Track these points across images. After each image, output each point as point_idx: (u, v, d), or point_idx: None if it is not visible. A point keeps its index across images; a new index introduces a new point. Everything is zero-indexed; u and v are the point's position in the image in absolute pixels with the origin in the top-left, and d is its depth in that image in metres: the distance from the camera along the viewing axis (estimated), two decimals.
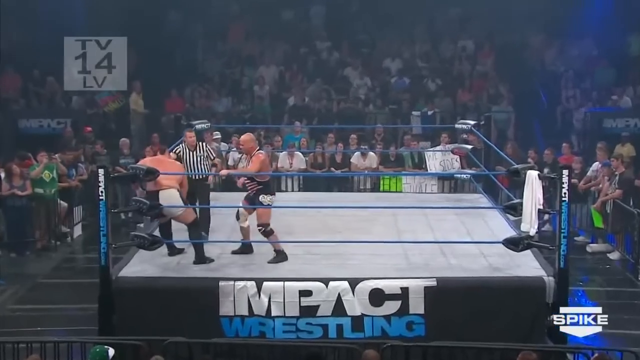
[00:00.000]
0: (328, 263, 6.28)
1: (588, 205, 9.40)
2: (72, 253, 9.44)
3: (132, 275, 5.98)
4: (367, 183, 10.60)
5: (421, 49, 14.35)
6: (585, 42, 13.63)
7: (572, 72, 13.28)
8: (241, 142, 6.39)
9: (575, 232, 9.26)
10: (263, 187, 6.33)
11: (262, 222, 6.29)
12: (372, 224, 7.51)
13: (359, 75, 13.73)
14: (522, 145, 11.08)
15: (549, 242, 6.02)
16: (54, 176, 9.47)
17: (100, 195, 5.75)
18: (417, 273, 5.99)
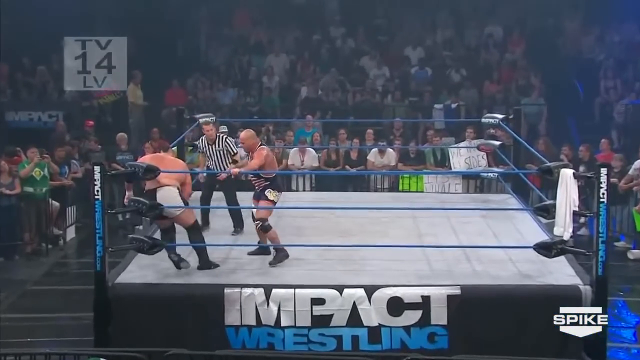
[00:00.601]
0: (342, 269, 6.31)
1: (629, 207, 9.36)
2: (65, 257, 9.54)
3: (130, 282, 6.03)
4: (385, 182, 10.62)
5: (444, 35, 14.35)
6: (628, 27, 13.55)
7: (613, 61, 13.22)
8: (241, 139, 6.44)
9: (615, 237, 9.24)
10: (270, 182, 6.40)
11: (261, 216, 6.35)
12: (390, 226, 7.52)
13: (376, 64, 13.75)
14: (555, 141, 11.05)
15: (586, 247, 6.01)
16: (45, 174, 9.55)
17: (95, 195, 5.80)
18: (440, 280, 6.00)
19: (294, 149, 10.75)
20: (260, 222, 6.33)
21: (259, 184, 6.41)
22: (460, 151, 10.06)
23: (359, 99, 13.22)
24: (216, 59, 14.21)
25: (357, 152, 10.80)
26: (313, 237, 7.13)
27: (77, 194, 10.37)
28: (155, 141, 11.01)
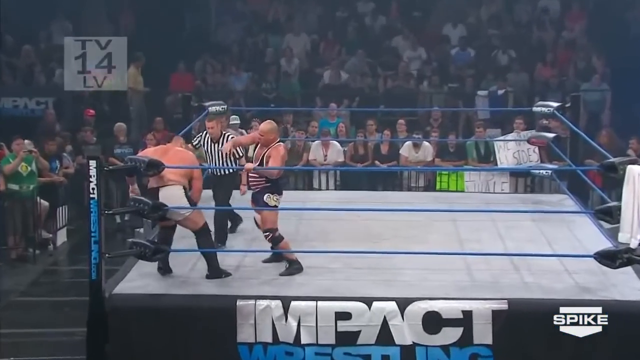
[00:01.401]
0: (371, 279, 6.32)
1: None
2: (55, 264, 9.66)
3: (130, 292, 6.08)
4: (420, 180, 10.63)
5: (490, 11, 14.31)
6: None
7: None
8: (261, 132, 6.43)
9: None
10: (271, 184, 6.42)
11: (269, 227, 6.38)
12: (426, 230, 7.52)
13: (410, 45, 13.74)
14: (621, 133, 10.97)
15: None
16: (33, 169, 9.67)
17: (90, 193, 5.85)
18: (484, 293, 5.99)
19: (316, 142, 10.80)
20: (269, 233, 6.37)
21: (257, 183, 6.43)
22: (508, 145, 10.04)
23: (390, 85, 13.22)
24: (228, 38, 14.29)
25: (388, 146, 10.81)
26: (338, 242, 7.15)
27: (69, 192, 10.51)
28: (158, 132, 11.15)
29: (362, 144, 10.85)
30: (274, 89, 13.23)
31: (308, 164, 10.66)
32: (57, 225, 10.09)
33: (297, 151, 10.79)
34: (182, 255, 6.61)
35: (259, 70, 13.61)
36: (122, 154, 10.64)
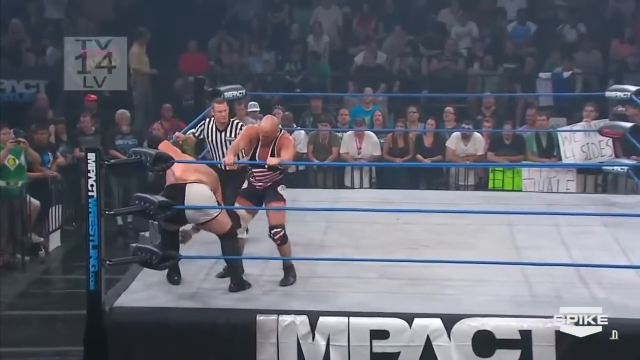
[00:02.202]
0: (412, 292, 6.33)
1: None
2: (47, 273, 9.73)
3: (133, 305, 6.13)
4: (470, 177, 10.61)
5: None
6: None
7: None
8: (264, 133, 6.40)
9: None
10: (283, 176, 6.53)
11: (280, 222, 6.42)
12: (476, 236, 7.52)
13: (459, 19, 13.69)
14: None
15: None
16: (22, 163, 9.74)
17: (89, 191, 5.92)
18: (545, 310, 5.95)
19: (348, 133, 10.82)
20: (279, 229, 6.39)
21: (272, 177, 6.48)
22: (575, 136, 9.97)
23: (435, 67, 13.20)
24: (246, 12, 14.33)
25: (432, 137, 10.81)
26: (373, 249, 7.17)
27: (63, 189, 10.58)
28: (166, 121, 11.25)
29: (402, 135, 10.85)
30: (299, 71, 13.26)
31: (339, 159, 10.68)
32: (49, 228, 10.17)
33: (322, 144, 10.81)
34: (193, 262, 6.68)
35: (283, 49, 13.65)
36: (125, 145, 10.73)
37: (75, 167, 10.66)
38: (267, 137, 6.44)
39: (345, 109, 11.56)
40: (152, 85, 12.86)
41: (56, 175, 10.35)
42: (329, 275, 6.61)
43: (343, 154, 10.75)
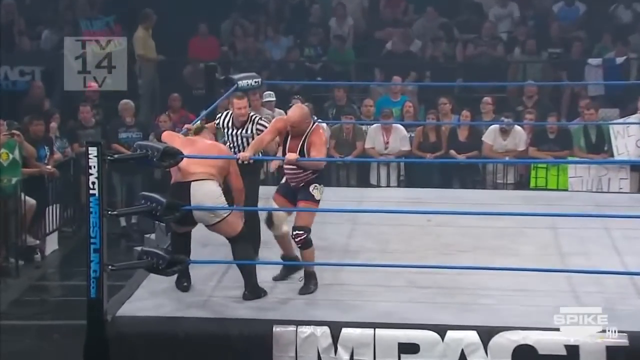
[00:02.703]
0: (445, 301, 6.34)
1: None
2: (43, 279, 9.76)
3: (138, 315, 6.16)
4: (510, 175, 10.60)
5: None
6: None
7: None
8: (292, 123, 6.43)
9: None
10: (318, 175, 6.52)
11: (305, 223, 6.43)
12: (516, 240, 7.52)
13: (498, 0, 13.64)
14: None
15: None
16: (16, 158, 9.75)
17: (90, 189, 5.94)
18: (595, 323, 5.93)
19: (374, 126, 10.83)
20: (303, 232, 6.41)
21: (303, 177, 6.50)
22: (629, 129, 9.91)
23: (471, 52, 13.17)
24: None
25: (467, 131, 10.79)
26: (401, 254, 7.19)
27: (61, 187, 10.60)
28: (174, 112, 11.28)
29: (434, 129, 10.85)
30: (320, 58, 13.26)
31: (364, 154, 10.69)
32: (46, 229, 10.19)
33: (345, 139, 10.81)
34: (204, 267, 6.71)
35: (302, 33, 13.67)
36: (129, 139, 10.77)
37: (75, 163, 10.70)
38: (296, 129, 6.44)
39: (370, 100, 11.55)
40: (158, 73, 12.88)
41: (54, 171, 10.32)
42: (353, 282, 6.63)
43: (368, 149, 10.76)
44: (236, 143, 7.22)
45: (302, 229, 6.42)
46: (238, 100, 7.30)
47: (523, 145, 10.61)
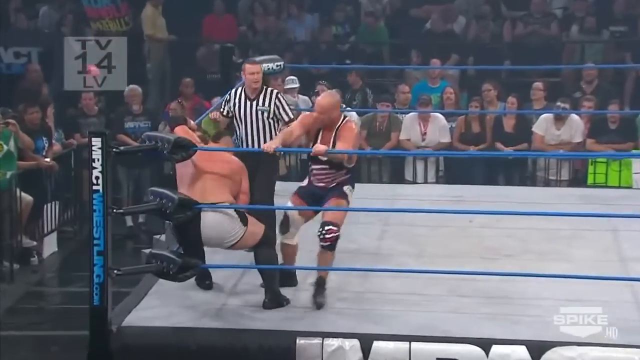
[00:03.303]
0: (489, 312, 6.34)
1: None
2: (41, 284, 9.79)
3: (146, 325, 6.19)
4: (564, 171, 10.55)
5: None
6: None
7: None
8: (321, 109, 6.46)
9: None
10: (351, 175, 6.57)
11: (337, 221, 6.42)
12: (572, 244, 7.52)
13: None
14: None
15: None
16: (11, 149, 9.80)
17: (93, 184, 5.97)
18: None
19: (410, 115, 10.83)
20: (334, 229, 6.39)
21: (335, 177, 6.53)
22: None
23: (521, 32, 13.14)
24: None
25: (515, 120, 10.77)
26: (439, 259, 7.20)
27: (61, 182, 10.68)
28: (187, 99, 11.30)
29: (477, 118, 10.84)
30: (350, 38, 13.26)
31: (398, 147, 10.69)
32: (44, 229, 10.24)
33: (379, 129, 10.82)
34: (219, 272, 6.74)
35: (330, 10, 13.67)
36: (137, 129, 10.84)
37: (76, 155, 10.76)
38: (325, 119, 6.45)
39: (406, 86, 11.54)
40: (169, 55, 12.95)
41: (52, 164, 10.37)
42: (386, 290, 6.64)
43: (403, 140, 10.77)
44: (251, 118, 7.20)
45: (336, 224, 6.40)
46: (250, 66, 7.27)
47: (580, 136, 10.57)
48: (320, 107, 6.48)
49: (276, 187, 7.45)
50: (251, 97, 7.22)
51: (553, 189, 10.14)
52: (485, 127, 10.82)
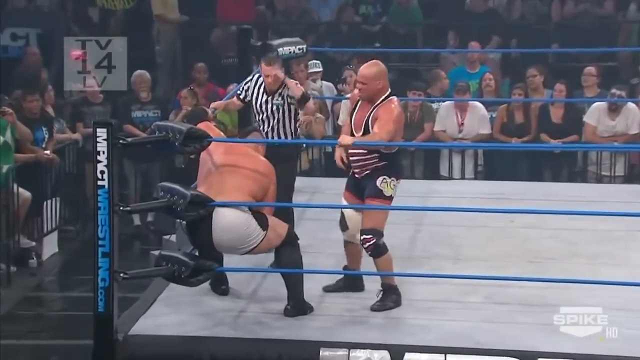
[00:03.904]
0: (533, 321, 6.34)
1: None
2: (40, 288, 9.90)
3: (155, 334, 6.21)
4: (619, 166, 10.52)
5: None
6: None
7: None
8: (361, 77, 6.47)
9: None
10: (388, 163, 6.51)
11: (374, 225, 6.43)
12: (627, 246, 7.51)
13: None
14: None
15: None
16: (8, 141, 9.86)
17: (98, 179, 6.00)
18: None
19: (445, 104, 10.87)
20: (373, 237, 6.42)
21: (369, 163, 6.51)
22: None
23: (571, 11, 13.11)
24: None
25: (563, 110, 10.77)
26: (478, 262, 7.21)
27: (62, 176, 10.75)
28: (200, 86, 11.35)
29: (521, 107, 10.84)
30: (380, 19, 13.28)
31: (432, 139, 10.71)
32: (44, 228, 10.32)
33: (411, 119, 10.83)
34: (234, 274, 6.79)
35: None
36: (145, 118, 10.93)
37: (78, 148, 10.82)
38: (366, 90, 6.40)
39: (442, 71, 11.54)
40: (181, 38, 12.99)
41: (53, 157, 10.46)
42: (418, 297, 6.66)
43: (438, 132, 10.79)
44: (266, 114, 7.31)
45: (371, 232, 6.41)
46: (266, 67, 7.32)
47: (636, 127, 10.56)
48: (361, 77, 6.46)
49: (297, 183, 7.50)
50: (269, 91, 7.34)
51: (606, 186, 10.14)
52: (529, 117, 10.81)
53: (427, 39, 13.19)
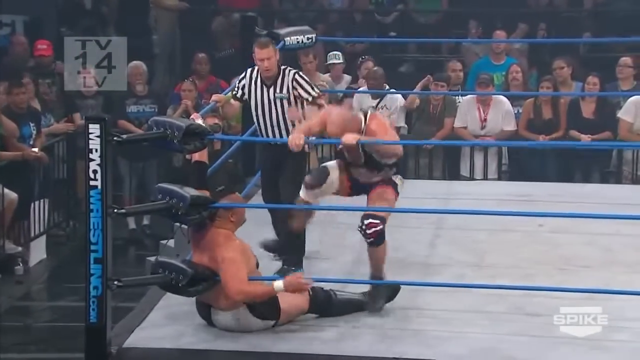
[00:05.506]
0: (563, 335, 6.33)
1: None
2: (27, 298, 9.90)
3: (151, 347, 6.22)
4: None
5: None
6: None
7: None
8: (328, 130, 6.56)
9: None
10: (397, 167, 6.69)
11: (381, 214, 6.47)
12: None
13: None
14: None
15: None
16: None
17: (90, 179, 6.01)
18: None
19: (467, 98, 10.85)
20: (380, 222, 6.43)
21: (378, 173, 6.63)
22: None
23: None
24: None
25: (596, 104, 10.74)
26: (503, 269, 7.22)
27: (51, 176, 10.76)
28: (200, 78, 11.35)
29: (549, 102, 10.82)
30: (396, 6, 13.29)
31: (453, 136, 10.69)
32: (30, 232, 10.34)
33: (432, 113, 10.82)
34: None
35: None
36: (141, 113, 10.93)
37: (69, 144, 10.82)
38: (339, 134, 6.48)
39: (455, 63, 11.51)
40: (179, 26, 12.99)
41: (41, 155, 10.45)
42: (438, 307, 6.65)
43: (459, 128, 10.77)
44: (269, 107, 7.27)
45: (377, 220, 6.44)
46: (259, 50, 7.27)
47: None
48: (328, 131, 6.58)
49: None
50: (267, 83, 7.28)
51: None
52: (558, 113, 10.79)
53: (446, 27, 13.11)
